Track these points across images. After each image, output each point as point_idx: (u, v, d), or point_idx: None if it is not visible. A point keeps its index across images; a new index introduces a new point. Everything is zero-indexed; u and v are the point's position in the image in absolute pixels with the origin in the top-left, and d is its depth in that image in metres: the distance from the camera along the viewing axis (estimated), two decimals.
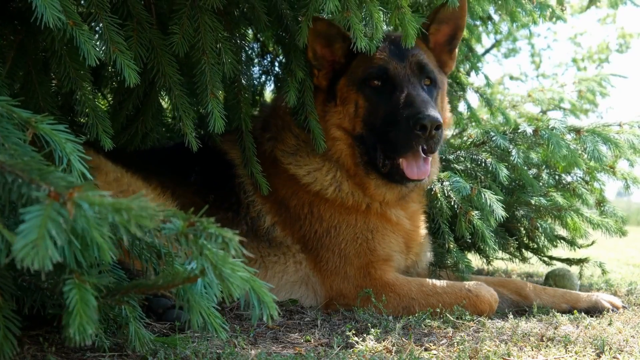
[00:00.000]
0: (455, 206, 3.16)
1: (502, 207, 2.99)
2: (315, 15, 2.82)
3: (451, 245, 3.18)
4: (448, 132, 3.37)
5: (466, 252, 3.62)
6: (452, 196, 3.18)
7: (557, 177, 3.78)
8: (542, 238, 3.72)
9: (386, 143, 2.81)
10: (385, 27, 2.77)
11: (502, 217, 2.97)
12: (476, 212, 3.07)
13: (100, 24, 2.20)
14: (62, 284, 1.26)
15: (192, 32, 2.46)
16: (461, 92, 4.35)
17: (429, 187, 3.22)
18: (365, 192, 2.95)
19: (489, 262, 4.08)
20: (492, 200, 2.99)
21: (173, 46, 2.41)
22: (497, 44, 14.66)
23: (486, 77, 4.70)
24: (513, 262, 4.19)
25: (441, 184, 3.27)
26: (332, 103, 2.96)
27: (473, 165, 3.51)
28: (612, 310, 2.90)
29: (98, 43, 2.19)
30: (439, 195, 3.24)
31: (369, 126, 2.87)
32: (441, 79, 3.08)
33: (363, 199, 2.95)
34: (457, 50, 3.20)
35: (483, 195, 3.01)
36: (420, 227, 3.15)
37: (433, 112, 2.65)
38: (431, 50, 3.10)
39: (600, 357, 2.08)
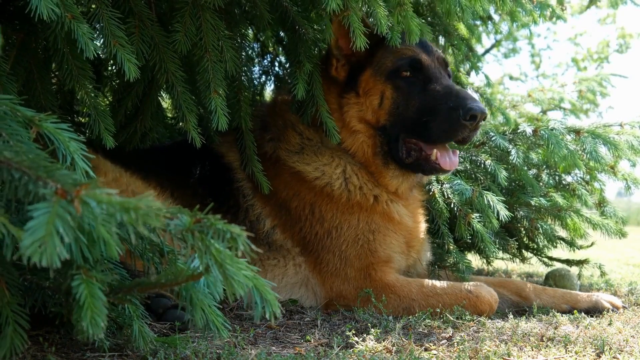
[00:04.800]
0: (455, 209, 3.17)
1: (505, 207, 3.00)
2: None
3: (451, 247, 3.18)
4: None
5: (466, 253, 3.62)
6: (451, 198, 3.18)
7: (557, 177, 3.78)
8: (542, 238, 3.72)
9: (419, 133, 2.82)
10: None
11: (507, 216, 2.98)
12: (476, 214, 3.07)
13: (102, 19, 2.19)
14: (69, 279, 1.27)
15: (194, 30, 2.46)
16: None
17: (426, 182, 3.30)
18: (379, 181, 2.97)
19: (489, 263, 4.08)
20: (495, 201, 3.00)
21: (176, 44, 2.41)
22: (497, 44, 14.68)
23: (486, 77, 4.70)
24: (513, 262, 4.19)
25: (441, 186, 3.27)
26: (352, 94, 2.94)
27: (472, 166, 3.50)
28: (612, 310, 2.90)
29: (98, 38, 2.18)
30: (437, 196, 3.24)
31: (395, 117, 2.87)
32: None
33: (372, 190, 2.94)
34: None
35: (485, 198, 3.02)
36: (420, 223, 3.16)
37: (481, 104, 2.71)
38: None
39: (600, 357, 2.08)
